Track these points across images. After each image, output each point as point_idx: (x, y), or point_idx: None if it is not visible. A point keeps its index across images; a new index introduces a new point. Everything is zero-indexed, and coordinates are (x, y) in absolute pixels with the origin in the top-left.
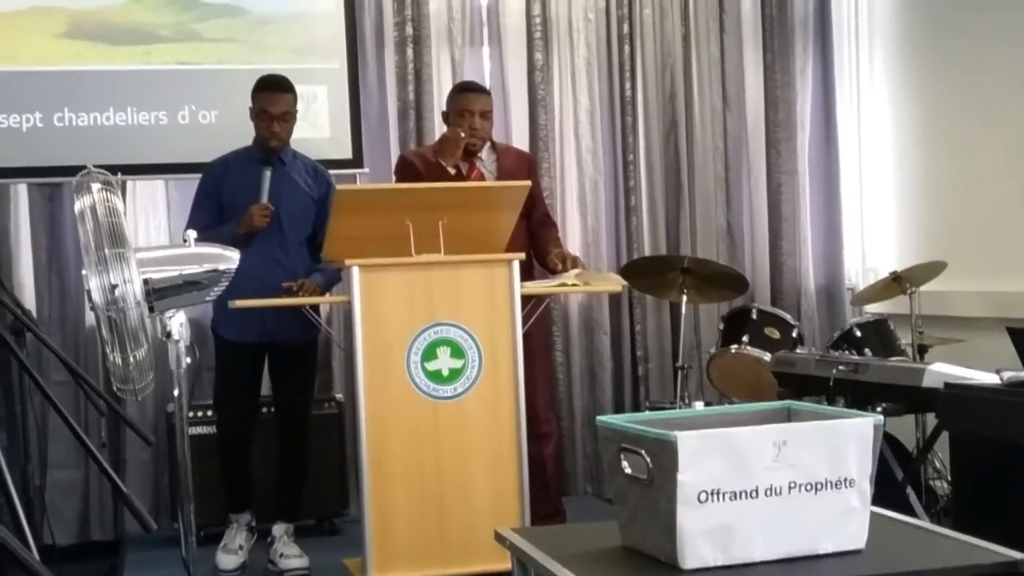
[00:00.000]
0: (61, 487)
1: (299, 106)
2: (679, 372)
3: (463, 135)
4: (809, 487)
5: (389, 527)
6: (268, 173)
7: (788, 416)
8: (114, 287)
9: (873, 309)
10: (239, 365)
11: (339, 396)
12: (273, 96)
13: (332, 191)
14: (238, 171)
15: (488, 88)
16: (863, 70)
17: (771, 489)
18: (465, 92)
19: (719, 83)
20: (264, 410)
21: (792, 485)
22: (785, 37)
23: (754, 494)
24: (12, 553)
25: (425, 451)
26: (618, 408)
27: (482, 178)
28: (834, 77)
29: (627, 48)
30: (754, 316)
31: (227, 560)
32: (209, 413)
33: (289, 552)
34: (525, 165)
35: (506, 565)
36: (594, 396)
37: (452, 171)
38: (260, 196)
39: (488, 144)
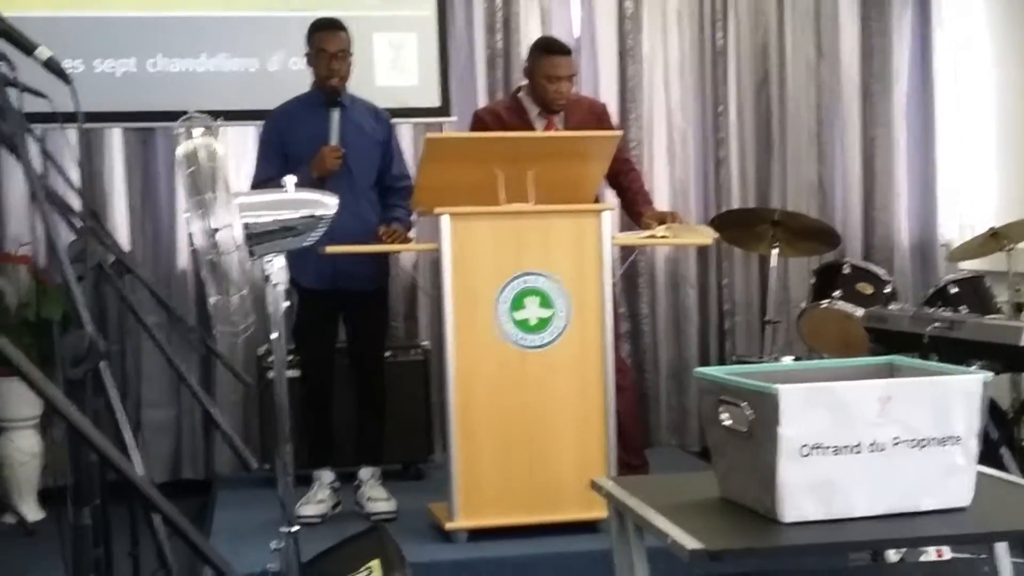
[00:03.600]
0: (154, 426)
1: (388, 53)
2: (767, 326)
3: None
4: (913, 443)
5: (475, 474)
6: (336, 114)
7: (891, 372)
8: (215, 231)
9: (969, 266)
10: (316, 312)
11: (425, 343)
12: (329, 34)
13: (394, 132)
14: (302, 118)
15: (569, 46)
16: (963, 19)
17: (874, 444)
18: (552, 56)
19: (813, 33)
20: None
21: (896, 441)
22: None
23: (857, 449)
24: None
25: (512, 399)
26: (703, 362)
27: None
28: (932, 26)
29: None
30: (846, 271)
31: (309, 508)
32: None
33: (376, 495)
34: (595, 116)
35: (591, 514)
36: (679, 350)
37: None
38: (329, 138)
39: None
